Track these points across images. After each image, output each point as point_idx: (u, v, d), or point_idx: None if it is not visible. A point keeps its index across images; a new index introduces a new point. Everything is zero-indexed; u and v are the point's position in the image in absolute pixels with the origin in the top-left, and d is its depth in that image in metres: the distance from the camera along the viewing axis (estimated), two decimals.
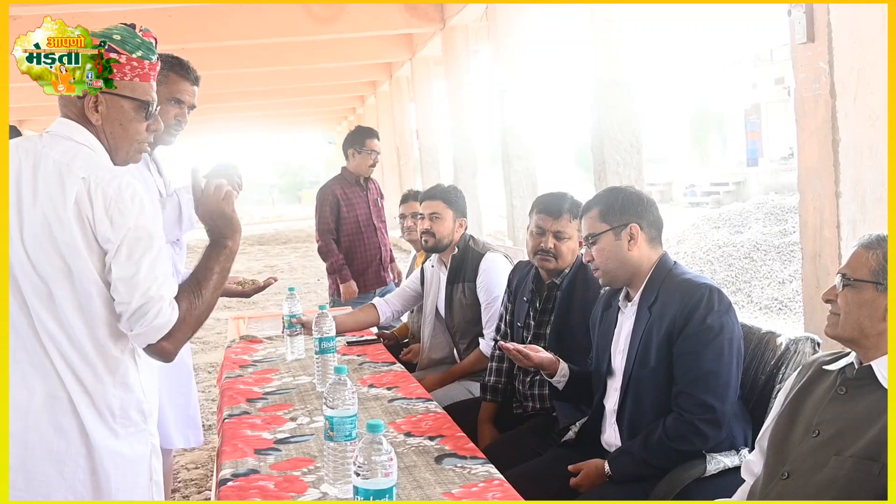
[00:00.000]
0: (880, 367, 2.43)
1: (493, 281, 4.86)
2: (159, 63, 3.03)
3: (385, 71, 22.29)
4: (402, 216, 6.00)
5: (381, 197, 7.71)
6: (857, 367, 2.49)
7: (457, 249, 5.09)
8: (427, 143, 18.60)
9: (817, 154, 5.10)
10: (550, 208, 4.18)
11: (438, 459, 3.08)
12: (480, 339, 4.91)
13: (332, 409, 2.74)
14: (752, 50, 37.06)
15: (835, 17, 4.86)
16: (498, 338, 4.53)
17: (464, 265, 5.03)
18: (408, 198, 6.01)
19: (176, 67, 3.64)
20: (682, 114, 48.26)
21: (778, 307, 10.55)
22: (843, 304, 2.51)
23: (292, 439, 3.38)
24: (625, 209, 3.40)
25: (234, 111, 29.17)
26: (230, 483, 2.94)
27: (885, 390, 2.38)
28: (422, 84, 18.51)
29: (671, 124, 48.60)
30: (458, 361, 5.11)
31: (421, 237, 5.16)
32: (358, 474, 2.18)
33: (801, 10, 5.00)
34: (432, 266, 5.32)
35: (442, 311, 5.18)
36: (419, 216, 5.18)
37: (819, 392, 2.54)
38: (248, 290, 4.29)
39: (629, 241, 3.37)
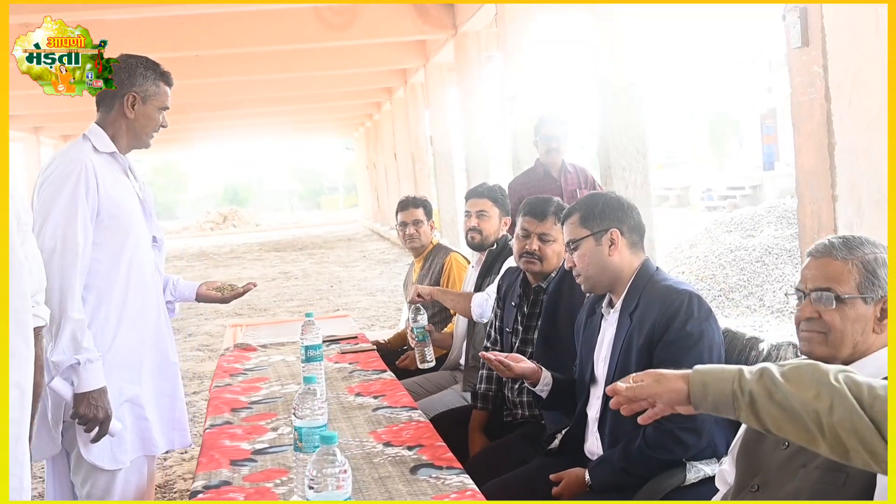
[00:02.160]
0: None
1: None
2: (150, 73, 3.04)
3: (400, 77, 22.34)
4: (403, 224, 5.95)
5: (584, 186, 7.22)
6: None
7: (496, 246, 5.09)
8: (441, 149, 18.62)
9: (814, 158, 5.07)
10: (535, 211, 4.16)
11: (414, 470, 3.05)
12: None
13: (301, 419, 2.71)
14: (765, 54, 36.88)
15: (829, 22, 4.83)
16: (488, 345, 4.50)
17: (497, 261, 5.02)
18: (406, 205, 5.96)
19: (164, 76, 3.63)
20: (700, 118, 48.11)
21: (790, 311, 10.45)
22: (831, 321, 2.39)
23: (270, 450, 3.36)
24: (604, 214, 3.37)
25: (250, 117, 29.30)
26: (200, 495, 2.92)
27: None
28: (436, 90, 18.52)
29: (689, 129, 48.44)
30: (462, 363, 5.12)
31: (467, 234, 5.15)
32: (311, 487, 2.15)
33: (796, 14, 4.97)
34: (472, 267, 5.33)
35: None
36: (466, 213, 5.16)
37: None
38: (226, 297, 4.25)
39: (610, 247, 3.34)
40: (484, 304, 4.79)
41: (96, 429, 3.31)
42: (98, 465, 3.40)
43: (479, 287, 5.05)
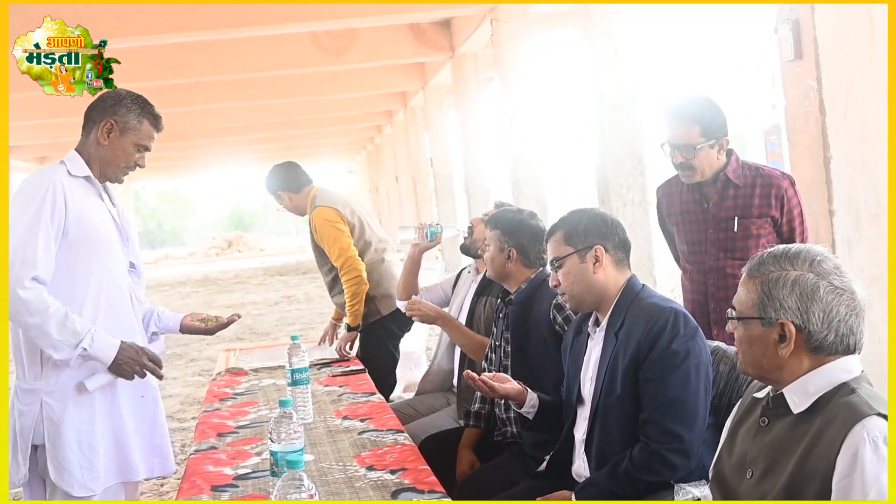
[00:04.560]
0: (791, 394, 2.21)
1: None
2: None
3: (400, 100, 22.37)
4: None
5: (758, 212, 4.29)
6: (772, 395, 2.30)
7: None
8: (441, 171, 18.64)
9: (810, 171, 5.00)
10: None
11: (395, 494, 2.99)
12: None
13: (277, 443, 2.65)
14: (767, 69, 36.77)
15: (821, 34, 4.77)
16: (484, 365, 4.42)
17: (493, 283, 4.71)
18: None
19: (151, 116, 3.54)
20: None
21: None
22: (737, 339, 2.30)
23: (252, 475, 3.30)
24: (589, 231, 3.30)
25: (252, 143, 29.33)
26: None
27: (797, 417, 2.19)
28: (435, 113, 18.55)
29: None
30: (455, 384, 4.98)
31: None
32: None
33: (788, 26, 4.92)
34: (468, 272, 5.18)
35: (463, 323, 4.90)
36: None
37: (749, 424, 2.36)
38: (210, 328, 4.09)
39: (594, 264, 3.26)
40: None
41: (158, 370, 3.44)
42: (67, 491, 3.33)
43: (474, 306, 4.90)
